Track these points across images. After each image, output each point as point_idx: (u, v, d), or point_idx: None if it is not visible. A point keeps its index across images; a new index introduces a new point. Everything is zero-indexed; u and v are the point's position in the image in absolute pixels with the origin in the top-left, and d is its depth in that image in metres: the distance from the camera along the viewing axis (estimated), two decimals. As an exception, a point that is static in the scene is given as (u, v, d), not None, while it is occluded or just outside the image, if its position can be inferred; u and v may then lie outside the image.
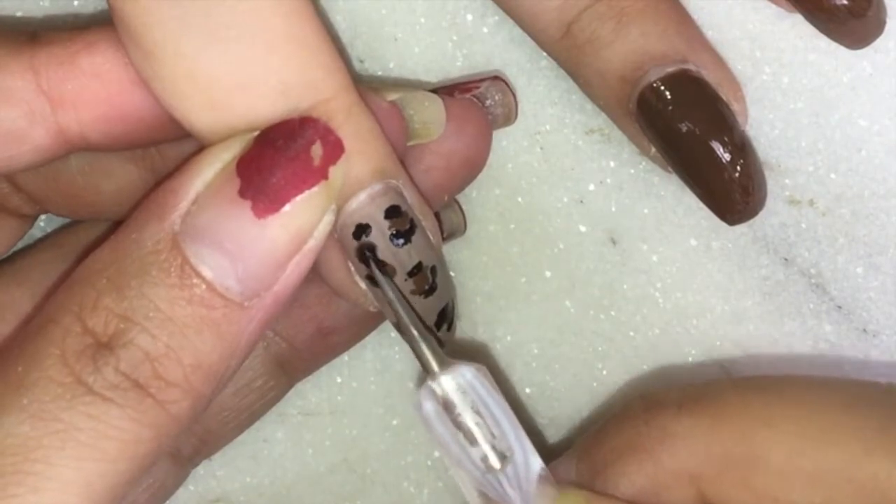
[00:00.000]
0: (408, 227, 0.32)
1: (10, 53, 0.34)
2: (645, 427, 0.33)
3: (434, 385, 0.32)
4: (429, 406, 0.32)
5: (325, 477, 0.42)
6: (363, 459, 0.41)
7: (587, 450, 0.35)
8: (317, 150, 0.31)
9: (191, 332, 0.30)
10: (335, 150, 0.31)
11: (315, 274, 0.34)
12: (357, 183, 0.32)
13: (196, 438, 0.38)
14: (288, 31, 0.31)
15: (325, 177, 0.31)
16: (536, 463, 0.32)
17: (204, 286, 0.30)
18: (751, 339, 0.39)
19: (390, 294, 0.33)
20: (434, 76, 0.39)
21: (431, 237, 0.33)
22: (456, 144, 0.36)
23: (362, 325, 0.39)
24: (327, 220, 0.31)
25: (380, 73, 0.39)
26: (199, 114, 0.32)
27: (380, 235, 0.32)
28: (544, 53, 0.38)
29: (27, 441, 0.29)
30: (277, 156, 0.31)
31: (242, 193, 0.30)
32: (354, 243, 0.32)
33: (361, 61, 0.39)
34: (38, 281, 0.36)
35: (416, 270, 0.33)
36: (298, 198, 0.30)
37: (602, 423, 0.35)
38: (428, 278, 0.33)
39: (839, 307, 0.39)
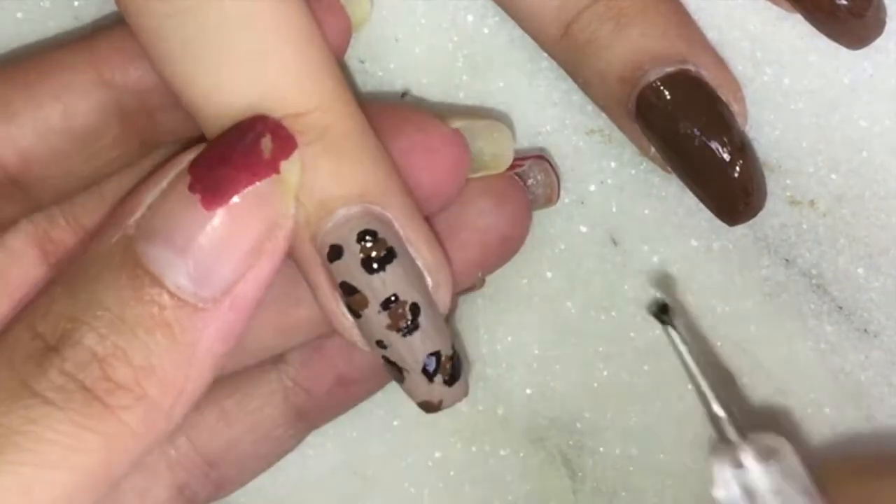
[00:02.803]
0: (383, 254, 0.32)
1: (69, 52, 0.34)
2: None
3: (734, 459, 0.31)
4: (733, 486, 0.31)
5: (326, 478, 0.42)
6: (364, 461, 0.41)
7: None
8: (267, 144, 0.30)
9: (141, 331, 0.30)
10: (286, 144, 0.31)
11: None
12: (331, 204, 0.31)
13: (213, 485, 0.38)
14: (260, 46, 0.31)
15: (276, 170, 0.30)
16: None
17: (155, 286, 0.30)
18: (751, 339, 0.39)
19: (682, 351, 0.32)
20: (435, 77, 0.39)
21: (429, 278, 0.33)
22: (493, 221, 0.36)
23: (382, 376, 0.38)
24: (285, 224, 0.31)
25: (380, 73, 0.39)
26: (189, 111, 0.32)
27: (351, 259, 0.32)
28: (545, 54, 0.38)
29: None
30: (226, 150, 0.30)
31: (192, 188, 0.30)
32: (334, 270, 0.32)
33: (362, 62, 0.39)
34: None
35: (390, 302, 0.32)
36: (247, 190, 0.30)
37: None
38: (406, 315, 0.32)
39: (840, 308, 0.39)
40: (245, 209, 0.30)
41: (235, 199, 0.30)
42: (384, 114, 0.34)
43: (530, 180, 0.38)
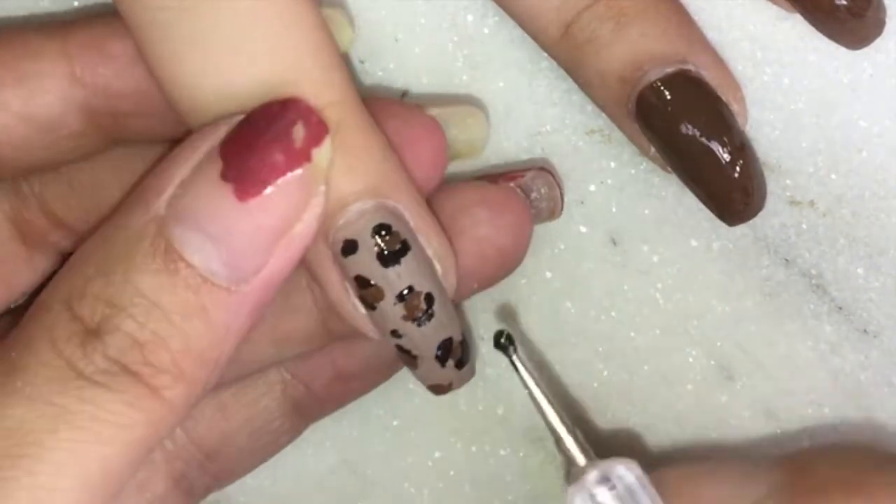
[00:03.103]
0: (398, 247, 0.32)
1: (44, 38, 0.34)
2: (875, 474, 0.33)
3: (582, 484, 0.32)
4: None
5: (326, 477, 0.42)
6: (363, 460, 0.41)
7: (802, 471, 0.34)
8: (298, 132, 0.30)
9: (177, 318, 0.30)
10: (318, 131, 0.31)
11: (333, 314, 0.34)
12: (344, 200, 0.32)
13: (210, 477, 0.38)
14: (272, 41, 0.31)
15: (309, 159, 0.30)
16: None
17: (189, 271, 0.30)
18: (751, 339, 0.39)
19: (529, 387, 0.32)
20: (435, 77, 0.39)
21: (438, 266, 0.33)
22: (491, 232, 0.35)
23: (381, 371, 0.38)
24: (316, 204, 0.31)
25: (380, 73, 0.39)
26: (185, 116, 0.32)
27: (367, 253, 0.32)
28: (545, 54, 0.38)
29: (21, 424, 0.29)
30: (258, 137, 0.30)
31: (224, 176, 0.30)
32: (348, 265, 0.32)
33: (362, 62, 0.39)
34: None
35: (406, 294, 0.32)
36: (280, 180, 0.30)
37: (817, 451, 0.35)
38: (421, 305, 0.32)
39: (840, 308, 0.39)
40: (277, 198, 0.30)
41: (269, 189, 0.30)
42: (367, 107, 0.34)
43: (534, 193, 0.38)
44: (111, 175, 0.36)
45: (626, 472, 0.32)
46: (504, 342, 0.33)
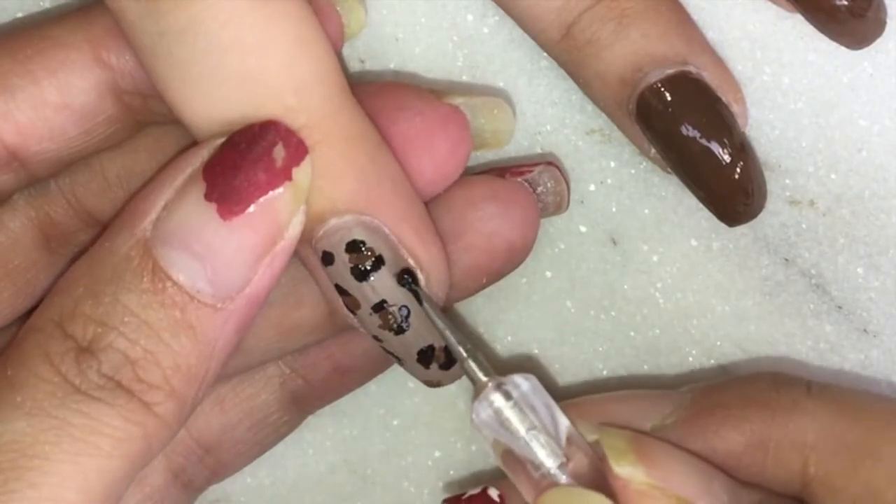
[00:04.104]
0: (369, 264, 0.32)
1: (66, 30, 0.35)
2: (775, 393, 0.34)
3: (486, 398, 0.32)
4: (485, 415, 0.32)
5: (326, 477, 0.42)
6: (363, 460, 0.41)
7: (708, 392, 0.35)
8: (279, 152, 0.31)
9: (166, 335, 0.31)
10: (298, 151, 0.31)
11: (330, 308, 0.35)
12: (322, 216, 0.32)
13: (209, 470, 0.39)
14: (247, 69, 0.31)
15: (289, 178, 0.31)
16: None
17: (175, 289, 0.31)
18: (751, 339, 0.39)
19: (431, 315, 0.33)
20: (435, 76, 0.39)
21: (423, 278, 0.33)
22: (500, 226, 0.36)
23: (378, 364, 0.39)
24: (297, 222, 0.32)
25: (380, 73, 0.39)
26: (183, 124, 0.32)
27: (342, 266, 0.32)
28: (545, 54, 0.38)
29: (24, 437, 0.30)
30: (240, 158, 0.31)
31: (208, 196, 0.31)
32: (328, 273, 0.33)
33: (362, 61, 0.39)
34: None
35: (379, 307, 0.33)
36: (262, 199, 0.31)
37: (727, 379, 0.36)
38: (395, 317, 0.33)
39: (839, 307, 0.39)
40: (260, 216, 0.31)
41: (251, 208, 0.31)
42: (382, 97, 0.35)
43: (540, 187, 0.38)
44: (146, 161, 0.36)
45: (521, 381, 0.32)
46: (406, 278, 0.33)
